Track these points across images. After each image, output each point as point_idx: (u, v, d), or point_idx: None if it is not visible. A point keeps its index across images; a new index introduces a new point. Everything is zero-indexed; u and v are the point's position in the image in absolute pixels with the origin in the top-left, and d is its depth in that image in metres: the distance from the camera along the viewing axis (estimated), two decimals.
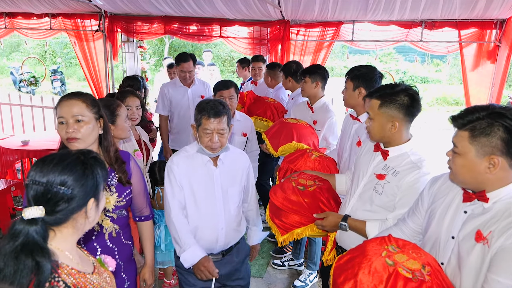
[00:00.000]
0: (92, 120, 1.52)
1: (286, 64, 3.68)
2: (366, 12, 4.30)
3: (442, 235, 1.34)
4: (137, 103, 2.54)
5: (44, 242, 0.93)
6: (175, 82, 3.88)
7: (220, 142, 1.81)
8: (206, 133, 1.79)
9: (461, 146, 1.22)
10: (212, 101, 1.84)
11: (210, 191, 1.89)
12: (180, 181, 1.86)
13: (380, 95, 1.68)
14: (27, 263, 0.88)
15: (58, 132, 1.53)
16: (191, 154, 1.91)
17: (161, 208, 2.87)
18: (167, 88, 3.85)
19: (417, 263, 1.19)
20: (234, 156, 1.99)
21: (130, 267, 1.78)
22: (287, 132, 2.68)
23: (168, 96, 3.80)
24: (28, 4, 5.25)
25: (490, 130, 1.16)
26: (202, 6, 4.64)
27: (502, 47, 4.23)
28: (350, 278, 1.20)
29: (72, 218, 1.01)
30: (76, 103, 1.49)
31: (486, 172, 1.19)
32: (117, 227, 1.67)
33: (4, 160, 4.20)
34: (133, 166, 1.77)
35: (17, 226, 0.92)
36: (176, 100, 3.80)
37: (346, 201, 1.91)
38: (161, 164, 2.85)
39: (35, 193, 0.96)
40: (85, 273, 1.05)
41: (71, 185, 0.98)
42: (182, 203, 1.88)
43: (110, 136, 1.63)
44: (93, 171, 1.03)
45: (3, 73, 15.21)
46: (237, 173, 1.98)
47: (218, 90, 2.77)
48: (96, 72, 5.69)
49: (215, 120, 1.77)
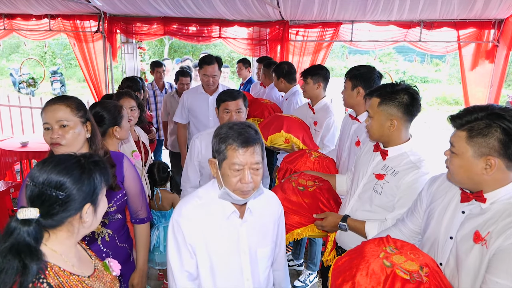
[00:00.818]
0: (78, 125, 1.50)
1: (278, 65, 3.63)
2: (365, 12, 4.31)
3: (440, 236, 1.34)
4: (132, 104, 2.54)
5: (36, 244, 0.93)
6: (197, 88, 3.39)
7: (254, 182, 1.30)
8: (234, 170, 1.27)
9: (458, 146, 1.22)
10: (237, 124, 1.33)
11: (234, 255, 1.38)
12: (192, 244, 1.33)
13: (380, 93, 1.68)
14: (14, 263, 0.88)
15: (44, 138, 1.50)
16: (206, 202, 1.38)
17: (160, 209, 2.87)
18: (187, 94, 3.40)
19: (415, 264, 1.19)
20: (264, 202, 1.46)
21: (128, 270, 1.75)
22: (277, 123, 2.70)
23: (187, 104, 3.36)
24: (27, 5, 5.25)
25: (488, 131, 1.16)
26: (201, 7, 4.64)
27: (500, 47, 4.24)
28: (348, 280, 1.20)
29: (67, 221, 1.01)
30: (60, 108, 1.47)
31: (483, 173, 1.19)
32: (110, 231, 1.64)
33: (3, 161, 4.21)
34: (127, 167, 1.71)
35: (11, 224, 0.93)
36: (194, 108, 3.32)
37: (346, 202, 1.91)
38: (160, 165, 2.86)
39: (30, 194, 0.97)
40: (80, 276, 1.04)
41: (66, 189, 0.97)
42: (194, 274, 1.36)
43: (99, 140, 1.60)
44: (91, 175, 1.02)
45: (3, 75, 15.21)
46: (269, 226, 1.46)
47: (222, 101, 2.19)
48: (96, 73, 5.70)
49: (247, 150, 1.27)
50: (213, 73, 3.17)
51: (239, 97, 2.20)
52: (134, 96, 2.62)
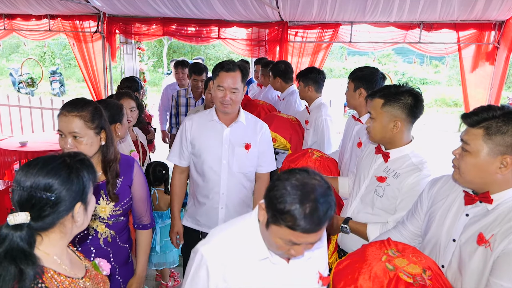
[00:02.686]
0: (91, 136, 1.48)
1: (275, 64, 3.59)
2: (364, 13, 4.31)
3: (442, 238, 1.33)
4: (132, 105, 2.53)
5: (30, 248, 0.92)
6: (208, 114, 2.16)
7: None
8: None
9: (474, 144, 1.19)
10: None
11: None
12: None
13: (384, 94, 1.66)
14: (10, 270, 0.87)
15: (59, 142, 1.51)
16: None
17: (157, 209, 2.86)
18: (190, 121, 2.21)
19: (417, 267, 1.17)
20: None
21: (126, 270, 1.74)
22: (267, 120, 2.65)
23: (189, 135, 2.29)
24: (27, 6, 5.24)
25: (507, 129, 1.14)
26: (200, 7, 4.63)
27: (501, 49, 4.23)
28: (350, 284, 1.19)
29: (59, 222, 0.99)
30: (73, 120, 1.44)
31: (497, 172, 1.17)
32: (113, 232, 1.64)
33: (2, 161, 4.19)
34: (137, 172, 1.71)
35: (2, 231, 0.91)
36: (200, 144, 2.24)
37: (348, 204, 1.90)
38: (156, 166, 2.85)
39: (19, 198, 0.95)
40: (74, 278, 1.03)
41: (56, 190, 0.96)
42: None
43: (112, 147, 1.58)
44: (79, 174, 1.01)
45: (3, 74, 15.19)
46: None
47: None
48: (95, 73, 5.69)
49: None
50: (233, 85, 1.94)
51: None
52: (134, 96, 2.61)
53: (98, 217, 1.57)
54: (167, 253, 2.84)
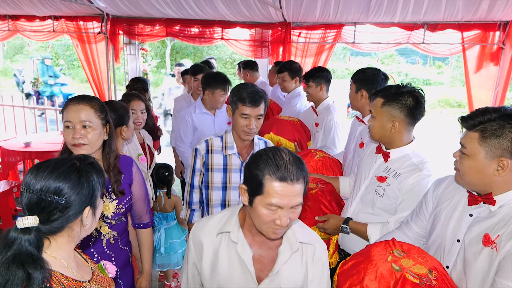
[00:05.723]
0: (99, 126, 1.48)
1: (290, 64, 3.53)
2: (368, 14, 4.29)
3: (447, 238, 1.33)
4: (142, 107, 2.47)
5: (37, 252, 0.91)
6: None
7: None
8: None
9: (470, 147, 1.20)
10: None
11: None
12: None
13: (384, 94, 1.67)
14: (18, 273, 0.87)
15: (63, 136, 1.48)
16: None
17: (162, 211, 2.86)
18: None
19: (423, 268, 1.17)
20: None
21: (127, 273, 1.74)
22: (268, 124, 2.68)
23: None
24: (31, 7, 5.27)
25: (501, 132, 1.14)
26: (203, 8, 4.64)
27: (505, 49, 4.20)
28: (356, 284, 1.18)
29: (67, 226, 0.98)
30: (84, 108, 1.44)
31: (495, 175, 1.17)
32: (115, 233, 1.63)
33: (6, 161, 4.22)
34: (135, 171, 1.72)
35: (11, 234, 0.90)
36: None
37: (348, 204, 1.90)
38: (159, 167, 2.85)
39: (28, 201, 0.94)
40: (81, 281, 1.02)
41: (66, 194, 0.95)
42: None
43: (114, 143, 1.58)
44: (89, 178, 1.00)
45: (7, 75, 15.28)
46: None
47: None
48: (98, 74, 5.71)
49: None
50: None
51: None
52: (143, 98, 2.56)
53: (102, 215, 1.57)
54: (171, 254, 2.84)
